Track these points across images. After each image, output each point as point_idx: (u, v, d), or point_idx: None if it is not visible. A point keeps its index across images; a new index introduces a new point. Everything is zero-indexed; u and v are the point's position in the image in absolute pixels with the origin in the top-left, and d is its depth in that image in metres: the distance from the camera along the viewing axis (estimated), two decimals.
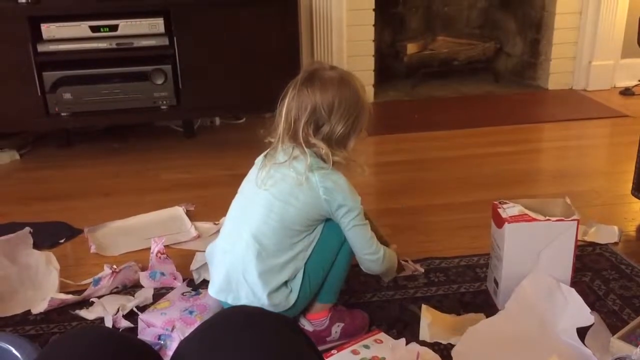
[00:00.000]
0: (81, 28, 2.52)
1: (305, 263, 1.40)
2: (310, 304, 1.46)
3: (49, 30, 2.50)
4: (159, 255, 1.74)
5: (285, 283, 1.39)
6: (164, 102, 2.66)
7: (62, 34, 2.51)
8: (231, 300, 1.41)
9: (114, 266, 1.71)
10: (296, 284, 1.39)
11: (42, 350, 0.98)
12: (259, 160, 1.47)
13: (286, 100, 1.40)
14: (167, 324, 1.46)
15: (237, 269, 1.39)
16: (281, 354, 0.78)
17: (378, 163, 2.63)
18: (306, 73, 1.42)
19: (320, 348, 1.37)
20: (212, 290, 1.46)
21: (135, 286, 1.73)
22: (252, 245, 1.37)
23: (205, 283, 1.68)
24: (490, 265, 1.64)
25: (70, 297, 1.65)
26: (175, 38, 2.58)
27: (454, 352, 1.40)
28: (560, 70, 3.63)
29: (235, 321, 0.82)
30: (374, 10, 3.28)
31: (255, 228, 1.38)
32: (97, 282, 1.68)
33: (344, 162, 1.41)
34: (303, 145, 1.37)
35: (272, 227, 1.38)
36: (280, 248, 1.37)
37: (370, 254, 1.42)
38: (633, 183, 2.05)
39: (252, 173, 1.48)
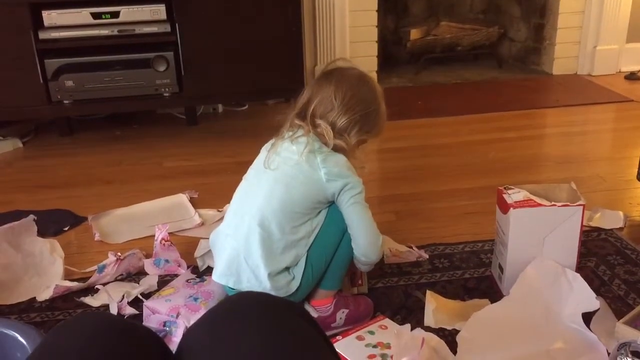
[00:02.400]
0: (82, 15, 2.50)
1: (308, 250, 1.40)
2: (314, 291, 1.46)
3: (50, 17, 2.48)
4: (163, 242, 1.75)
5: (288, 269, 1.39)
6: (166, 89, 2.65)
7: (64, 20, 2.50)
8: (232, 284, 1.41)
9: (119, 253, 1.72)
10: (298, 270, 1.39)
11: (46, 335, 0.98)
12: (268, 145, 1.48)
13: (304, 90, 1.45)
14: (172, 311, 1.46)
15: (239, 252, 1.40)
16: (291, 338, 0.77)
17: (381, 149, 2.62)
18: (329, 67, 1.48)
19: None
20: (215, 275, 1.46)
21: (140, 273, 1.73)
22: (254, 228, 1.38)
23: (209, 270, 1.68)
24: (495, 251, 1.64)
25: (75, 284, 1.65)
26: (177, 25, 2.56)
27: (459, 338, 1.39)
28: (564, 55, 3.61)
29: (244, 306, 0.82)
30: None
31: (257, 211, 1.39)
32: (101, 269, 1.69)
33: (346, 147, 1.42)
34: (308, 123, 1.39)
35: (274, 209, 1.38)
36: (282, 231, 1.37)
37: (371, 235, 1.42)
38: (638, 168, 2.04)
39: (257, 160, 1.48)
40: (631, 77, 3.51)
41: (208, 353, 0.77)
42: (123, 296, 1.59)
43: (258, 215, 1.38)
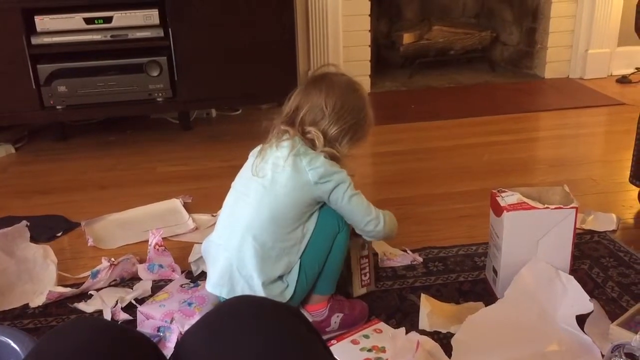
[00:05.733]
0: (75, 20, 2.50)
1: (300, 257, 1.40)
2: (308, 296, 1.46)
3: (42, 22, 2.48)
4: (157, 247, 1.74)
5: (281, 278, 1.39)
6: (160, 94, 2.65)
7: (56, 26, 2.49)
8: (226, 294, 1.41)
9: (112, 259, 1.71)
10: (292, 278, 1.39)
11: (39, 341, 0.97)
12: (255, 151, 1.47)
13: (293, 95, 1.44)
14: (166, 316, 1.46)
15: (231, 262, 1.39)
16: (289, 339, 0.77)
17: (375, 153, 2.62)
18: (317, 73, 1.47)
19: None
20: (209, 285, 1.46)
21: (134, 279, 1.73)
22: (245, 238, 1.37)
23: (203, 275, 1.68)
24: (489, 254, 1.64)
25: (68, 290, 1.64)
26: (170, 29, 2.56)
27: (453, 341, 1.39)
28: (556, 59, 3.62)
29: (241, 309, 0.82)
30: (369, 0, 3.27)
31: (248, 221, 1.38)
32: (95, 275, 1.68)
33: (338, 156, 1.42)
34: (297, 130, 1.39)
35: (265, 218, 1.37)
36: (273, 239, 1.37)
37: (372, 220, 1.42)
38: (631, 170, 2.05)
39: (245, 168, 1.48)
40: (623, 80, 3.53)
41: (207, 355, 0.77)
42: (117, 302, 1.58)
43: (249, 226, 1.38)
